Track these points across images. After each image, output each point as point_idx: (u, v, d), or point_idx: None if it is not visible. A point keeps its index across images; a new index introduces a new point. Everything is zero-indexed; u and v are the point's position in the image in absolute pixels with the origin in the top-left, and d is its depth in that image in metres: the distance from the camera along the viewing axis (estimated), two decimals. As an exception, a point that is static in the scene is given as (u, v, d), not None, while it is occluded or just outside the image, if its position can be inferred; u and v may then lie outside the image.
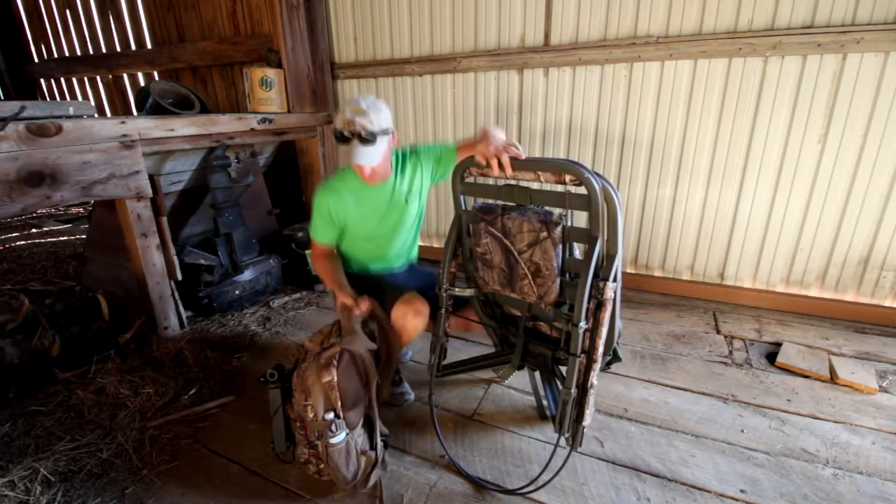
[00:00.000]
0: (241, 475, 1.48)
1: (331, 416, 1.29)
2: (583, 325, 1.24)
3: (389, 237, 1.72)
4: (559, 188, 1.26)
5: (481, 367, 1.75)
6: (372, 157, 1.46)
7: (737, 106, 2.29)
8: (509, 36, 2.70)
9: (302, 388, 1.31)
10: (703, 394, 1.80)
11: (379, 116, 1.46)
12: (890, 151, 2.08)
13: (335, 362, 1.31)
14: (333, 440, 1.28)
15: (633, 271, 2.78)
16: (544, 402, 1.66)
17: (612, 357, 1.51)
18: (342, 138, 1.46)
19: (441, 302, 1.56)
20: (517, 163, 1.30)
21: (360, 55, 3.21)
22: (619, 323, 1.37)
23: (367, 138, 1.43)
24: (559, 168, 1.23)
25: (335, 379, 1.29)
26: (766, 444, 1.53)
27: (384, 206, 1.66)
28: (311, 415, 1.29)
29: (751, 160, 2.33)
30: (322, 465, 1.34)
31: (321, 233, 1.68)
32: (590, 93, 2.57)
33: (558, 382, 1.52)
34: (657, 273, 2.73)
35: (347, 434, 1.32)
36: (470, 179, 1.47)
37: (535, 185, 1.32)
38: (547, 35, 2.60)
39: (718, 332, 2.26)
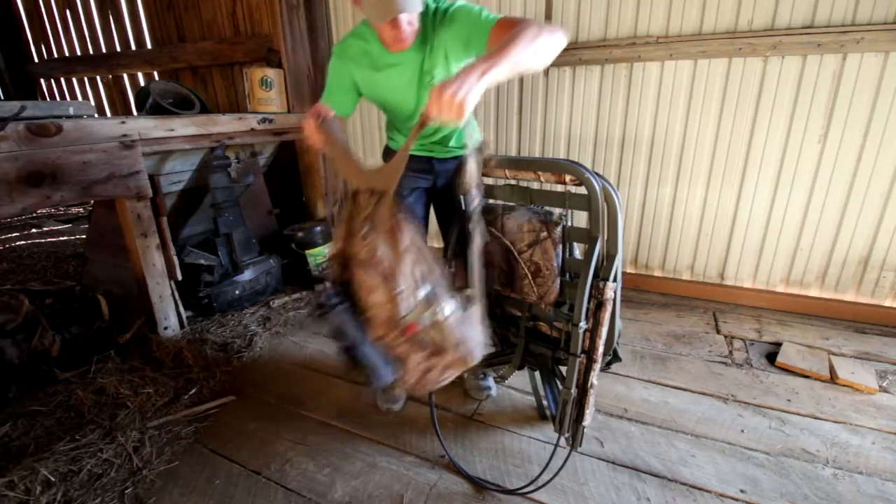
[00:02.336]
0: (241, 475, 1.48)
1: (426, 290, 1.04)
2: (583, 325, 1.24)
3: (410, 116, 1.45)
4: (559, 188, 1.26)
5: (482, 367, 1.75)
6: (413, 4, 1.16)
7: (737, 106, 2.29)
8: (509, 36, 2.69)
9: (379, 276, 1.05)
10: (703, 394, 1.80)
11: None
12: (890, 151, 2.08)
13: (400, 214, 1.04)
14: (447, 310, 1.05)
15: (633, 271, 2.78)
16: (544, 402, 1.66)
17: (613, 357, 1.51)
18: None
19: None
20: (518, 163, 1.29)
21: (360, 55, 3.20)
22: (619, 323, 1.37)
23: None
24: (559, 168, 1.23)
25: (414, 236, 1.03)
26: (766, 444, 1.53)
27: (407, 79, 1.35)
28: (408, 302, 1.02)
29: (751, 160, 2.33)
30: (446, 359, 1.08)
31: (338, 100, 1.44)
32: (590, 93, 2.57)
33: (558, 382, 1.52)
34: (657, 273, 2.73)
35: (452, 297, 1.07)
36: None
37: (535, 185, 1.32)
38: (547, 35, 2.59)
39: (718, 332, 2.26)
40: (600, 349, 1.26)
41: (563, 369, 1.47)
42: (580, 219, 1.27)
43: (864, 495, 1.33)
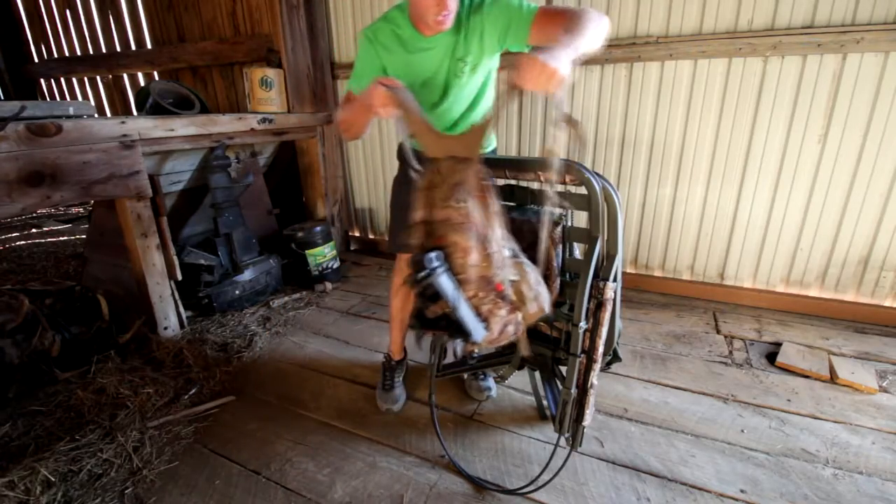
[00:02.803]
0: (241, 475, 1.48)
1: (509, 251, 1.12)
2: (583, 325, 1.24)
3: (444, 106, 1.47)
4: (559, 188, 1.26)
5: (482, 368, 1.75)
6: None
7: (737, 106, 2.28)
8: (509, 36, 2.69)
9: (474, 237, 1.11)
10: (703, 394, 1.80)
11: None
12: (890, 151, 2.08)
13: (486, 182, 1.10)
14: (528, 268, 1.16)
15: (633, 271, 2.78)
16: (544, 403, 1.66)
17: (613, 357, 1.51)
18: None
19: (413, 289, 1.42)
20: (519, 163, 1.29)
21: (360, 55, 3.20)
22: (619, 323, 1.37)
23: None
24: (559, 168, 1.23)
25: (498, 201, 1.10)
26: (766, 444, 1.53)
27: (435, 66, 1.38)
28: (499, 262, 1.10)
29: (751, 160, 2.33)
30: (522, 314, 1.18)
31: (364, 85, 1.36)
32: (590, 92, 2.57)
33: (558, 382, 1.52)
34: (657, 273, 2.73)
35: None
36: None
37: (535, 185, 1.32)
38: (547, 35, 2.59)
39: (718, 332, 2.26)
40: (600, 349, 1.26)
41: (564, 369, 1.47)
42: (580, 219, 1.27)
43: (864, 495, 1.33)
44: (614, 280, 1.23)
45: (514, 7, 1.26)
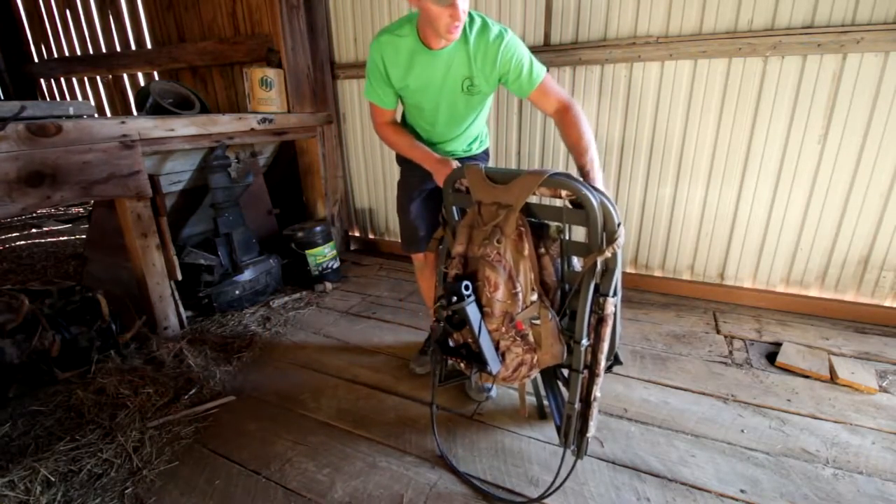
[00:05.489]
0: (241, 475, 1.48)
1: (535, 295, 1.21)
2: (584, 342, 1.22)
3: (439, 119, 1.59)
4: (557, 202, 1.23)
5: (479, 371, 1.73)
6: None
7: (737, 106, 2.28)
8: (509, 36, 2.69)
9: (504, 276, 1.21)
10: (703, 394, 1.80)
11: None
12: (890, 151, 2.08)
13: (523, 229, 1.20)
14: (549, 315, 1.22)
15: (633, 271, 2.78)
16: (545, 402, 1.65)
17: (613, 361, 1.50)
18: None
19: (439, 315, 1.44)
20: (513, 175, 1.27)
21: (360, 55, 3.21)
22: (619, 327, 1.36)
23: None
24: (556, 184, 1.19)
25: (531, 248, 1.20)
26: (766, 444, 1.53)
27: (439, 80, 1.47)
28: (522, 302, 1.20)
29: (751, 160, 2.33)
30: (536, 357, 1.28)
31: (379, 94, 1.52)
32: (590, 93, 2.57)
33: (560, 385, 1.52)
34: (657, 273, 2.73)
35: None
36: (461, 187, 1.42)
37: (532, 199, 1.27)
38: (547, 35, 2.60)
39: (718, 332, 2.26)
40: (602, 363, 1.25)
41: (566, 372, 1.46)
42: (579, 227, 1.25)
43: (864, 495, 1.33)
44: (614, 295, 1.21)
45: (525, 69, 1.44)
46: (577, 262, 1.33)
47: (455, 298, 1.23)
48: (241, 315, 2.56)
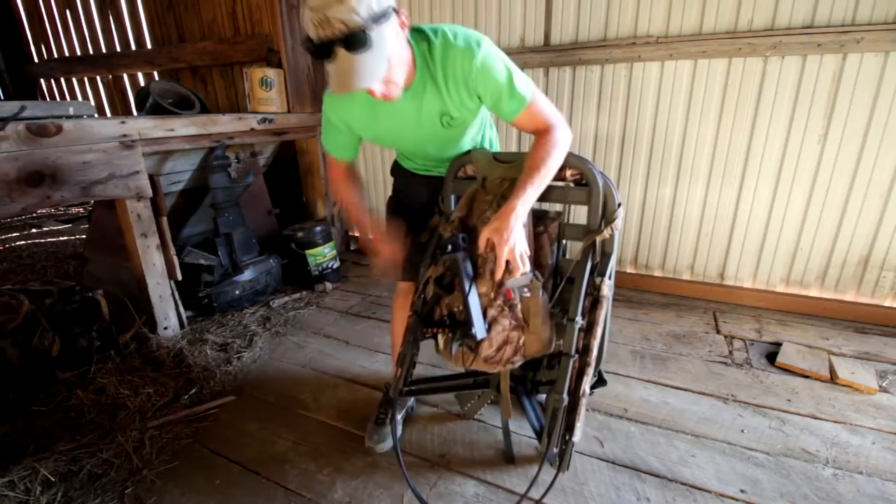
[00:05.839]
0: (241, 475, 1.48)
1: (529, 270, 1.18)
2: (579, 320, 1.20)
3: (427, 153, 1.40)
4: (559, 184, 1.27)
5: (452, 390, 1.61)
6: (374, 70, 0.96)
7: (737, 106, 2.28)
8: (509, 36, 2.70)
9: (495, 231, 1.14)
10: (703, 394, 1.80)
11: None
12: (890, 151, 2.08)
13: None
14: (540, 293, 1.17)
15: (633, 271, 2.78)
16: (529, 413, 1.48)
17: (598, 380, 1.45)
18: (318, 50, 0.93)
19: (416, 305, 1.34)
20: (521, 157, 1.24)
21: (360, 55, 3.20)
22: (606, 341, 1.31)
23: (358, 39, 0.90)
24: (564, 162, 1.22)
25: (529, 222, 1.23)
26: (766, 444, 1.53)
27: (411, 121, 1.22)
28: (517, 270, 1.15)
29: (751, 160, 2.33)
30: (523, 338, 1.20)
31: (332, 143, 1.32)
32: (590, 93, 2.57)
33: (538, 405, 1.47)
34: (657, 273, 2.73)
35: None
36: (463, 175, 1.40)
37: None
38: (547, 35, 2.60)
39: (718, 332, 2.26)
40: (594, 352, 1.21)
41: (542, 397, 1.44)
42: (577, 218, 1.28)
43: (864, 495, 1.33)
44: (609, 277, 1.22)
45: (505, 91, 1.14)
46: (569, 255, 1.35)
47: (451, 248, 1.20)
48: (241, 315, 2.56)
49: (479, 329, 1.15)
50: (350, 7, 0.89)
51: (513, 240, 1.11)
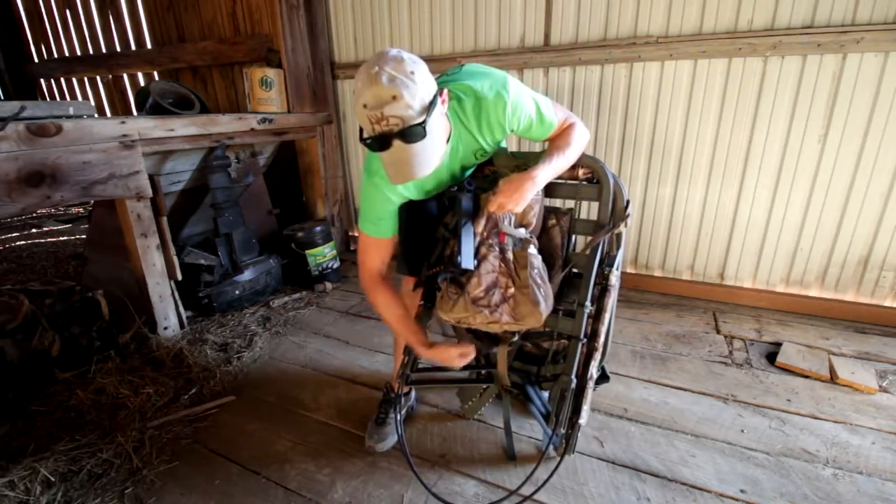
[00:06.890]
0: (241, 475, 1.48)
1: (529, 230, 1.25)
2: (588, 305, 1.27)
3: (449, 183, 1.38)
4: (572, 182, 1.37)
5: (456, 383, 1.63)
6: (431, 157, 1.00)
7: (737, 106, 2.28)
8: (509, 36, 2.70)
9: (510, 190, 1.17)
10: (703, 394, 1.80)
11: (415, 87, 0.92)
12: (890, 151, 2.08)
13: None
14: (534, 250, 1.22)
15: (633, 271, 2.78)
16: (535, 402, 1.49)
17: (601, 376, 1.49)
18: (375, 143, 0.96)
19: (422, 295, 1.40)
20: (538, 157, 1.29)
21: (360, 55, 3.21)
22: (610, 334, 1.37)
23: (415, 132, 0.94)
24: (580, 161, 1.31)
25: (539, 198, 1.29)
26: (766, 444, 1.53)
27: (444, 166, 1.25)
28: (511, 221, 1.23)
29: (751, 160, 2.33)
30: (512, 290, 1.18)
31: (387, 229, 1.31)
32: (590, 93, 2.57)
33: (542, 398, 1.47)
34: (657, 273, 2.73)
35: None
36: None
37: None
38: (547, 35, 2.60)
39: (718, 332, 2.26)
40: (601, 338, 1.27)
41: (546, 394, 1.46)
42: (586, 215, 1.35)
43: (864, 495, 1.33)
44: (617, 269, 1.30)
45: (533, 121, 1.24)
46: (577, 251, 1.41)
47: (456, 188, 1.26)
48: (241, 315, 2.56)
49: (465, 258, 1.16)
50: (406, 104, 0.92)
51: (520, 197, 1.15)
